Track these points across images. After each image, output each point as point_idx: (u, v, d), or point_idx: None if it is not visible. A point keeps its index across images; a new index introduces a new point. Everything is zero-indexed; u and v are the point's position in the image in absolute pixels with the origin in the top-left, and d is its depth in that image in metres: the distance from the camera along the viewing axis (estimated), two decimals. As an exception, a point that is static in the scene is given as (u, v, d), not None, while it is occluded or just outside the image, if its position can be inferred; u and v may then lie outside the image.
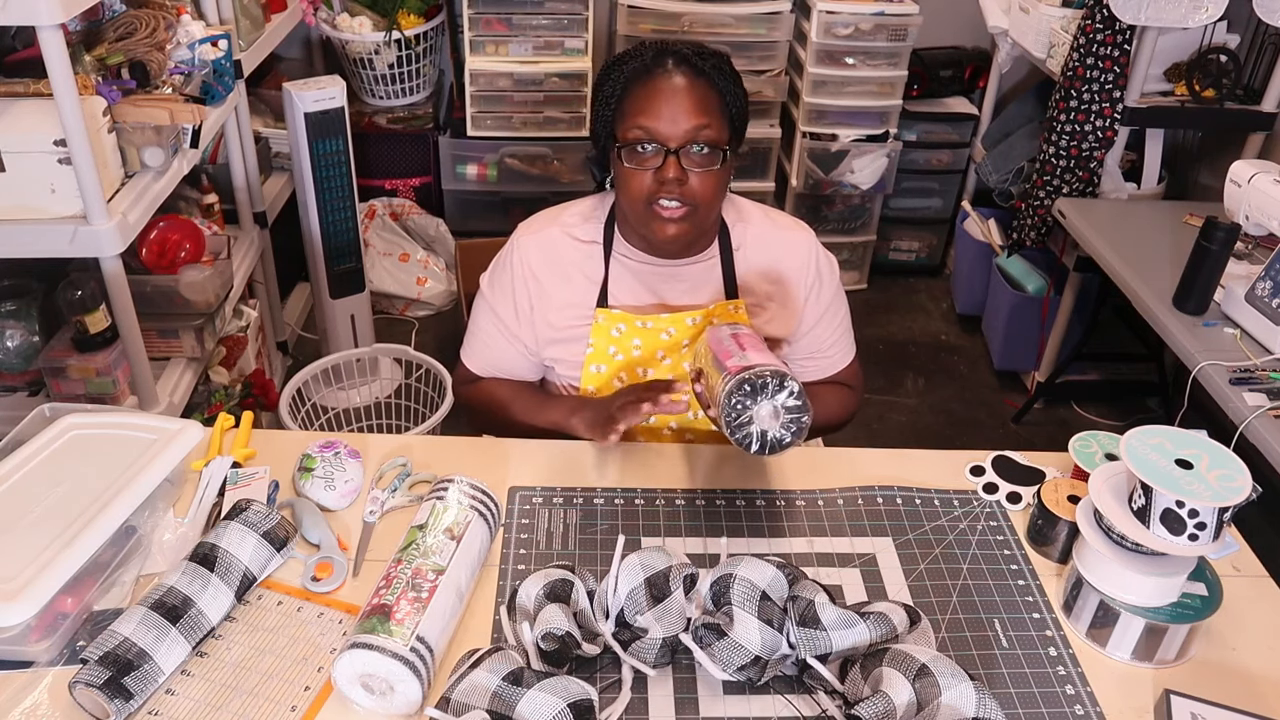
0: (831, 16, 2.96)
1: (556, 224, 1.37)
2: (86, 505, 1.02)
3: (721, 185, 1.26)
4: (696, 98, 1.21)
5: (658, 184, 1.22)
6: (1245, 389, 1.71)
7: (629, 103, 1.23)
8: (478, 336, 1.42)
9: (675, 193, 1.22)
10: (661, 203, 1.23)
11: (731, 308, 1.35)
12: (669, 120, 1.20)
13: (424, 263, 3.20)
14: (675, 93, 1.21)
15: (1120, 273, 2.14)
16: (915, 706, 0.89)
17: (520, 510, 1.19)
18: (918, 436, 2.79)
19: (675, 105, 1.20)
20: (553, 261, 1.35)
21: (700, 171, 1.22)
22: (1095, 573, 1.03)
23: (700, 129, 1.20)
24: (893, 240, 3.49)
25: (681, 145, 1.21)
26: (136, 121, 1.72)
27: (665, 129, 1.20)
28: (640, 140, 1.21)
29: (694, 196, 1.22)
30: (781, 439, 1.05)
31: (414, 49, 3.03)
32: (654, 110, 1.21)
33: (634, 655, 0.96)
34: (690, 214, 1.24)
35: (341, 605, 1.04)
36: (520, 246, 1.36)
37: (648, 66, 1.23)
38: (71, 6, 1.45)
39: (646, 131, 1.21)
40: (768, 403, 1.04)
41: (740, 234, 1.37)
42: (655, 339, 1.34)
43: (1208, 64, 2.48)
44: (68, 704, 0.92)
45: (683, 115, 1.20)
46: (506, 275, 1.37)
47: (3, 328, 1.78)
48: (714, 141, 1.22)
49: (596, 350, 1.34)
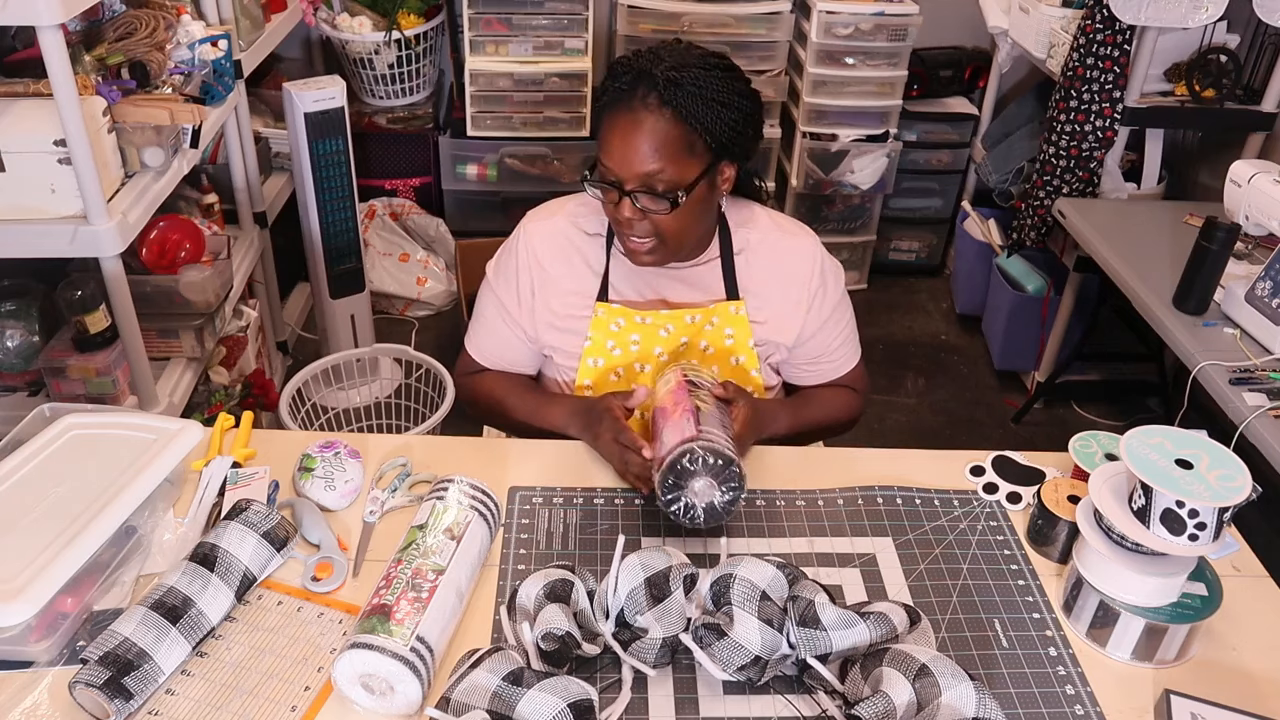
0: (831, 16, 2.96)
1: (563, 213, 1.38)
2: (86, 505, 1.02)
3: (689, 219, 1.24)
4: (656, 138, 1.17)
5: (617, 219, 1.24)
6: (1245, 389, 1.71)
7: (601, 130, 1.23)
8: (481, 323, 1.43)
9: (634, 230, 1.23)
10: (626, 234, 1.25)
11: (733, 309, 1.35)
12: (621, 161, 1.19)
13: (424, 263, 3.20)
14: (633, 132, 1.18)
15: (1120, 273, 2.14)
16: (915, 706, 0.89)
17: (520, 510, 1.19)
18: (918, 436, 2.79)
19: (630, 146, 1.18)
20: (558, 249, 1.36)
21: (655, 214, 1.22)
22: (1095, 573, 1.03)
23: (654, 174, 1.18)
24: (893, 240, 3.48)
25: (635, 189, 1.20)
26: (136, 121, 1.72)
27: (618, 169, 1.20)
28: (602, 175, 1.22)
29: (657, 230, 1.23)
30: (725, 503, 1.09)
31: (414, 49, 3.03)
32: (611, 149, 1.20)
33: (634, 655, 0.96)
34: (657, 246, 1.25)
35: (341, 605, 1.04)
36: (527, 233, 1.37)
37: (620, 95, 1.20)
38: (71, 6, 1.45)
39: (606, 169, 1.22)
40: (700, 480, 1.08)
41: (743, 237, 1.37)
42: (654, 335, 1.34)
43: (1208, 64, 2.48)
44: (68, 704, 0.91)
45: (636, 159, 1.18)
46: (512, 261, 1.38)
47: (3, 328, 1.78)
48: (671, 184, 1.19)
49: (594, 344, 1.35)
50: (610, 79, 1.23)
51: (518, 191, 3.20)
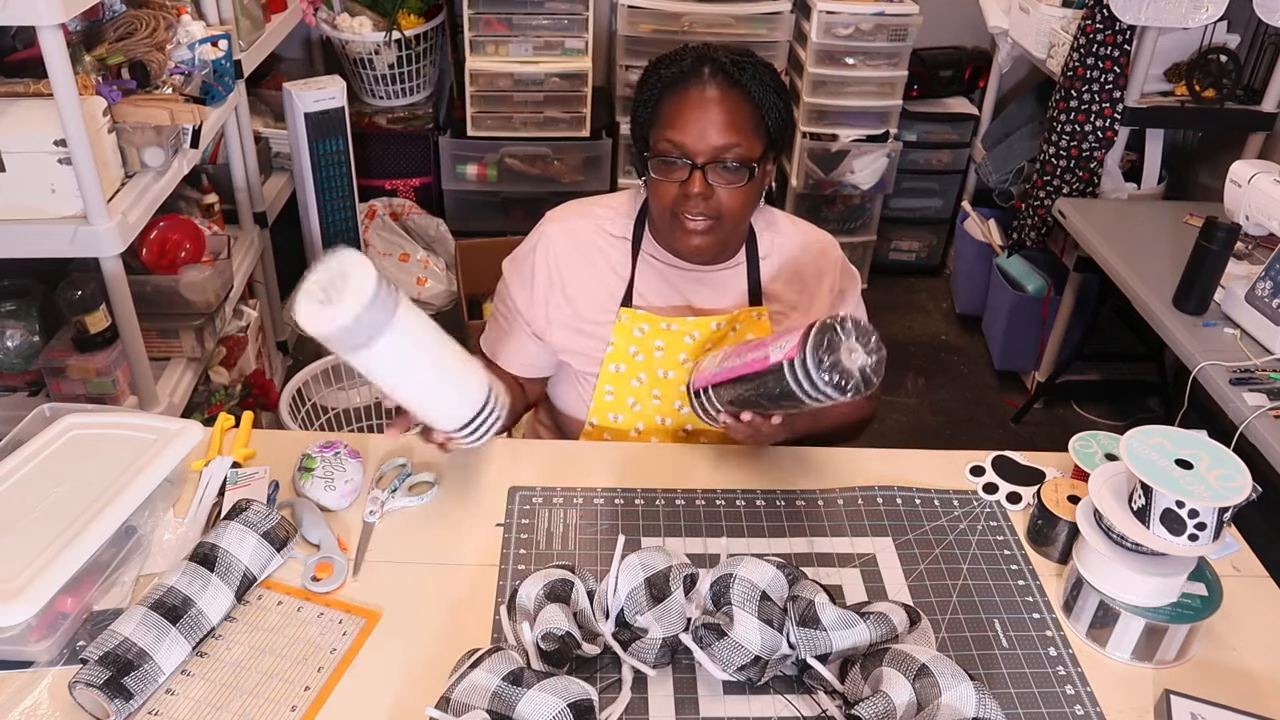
0: (831, 16, 2.96)
1: (587, 216, 1.37)
2: (86, 505, 1.02)
3: (750, 199, 1.26)
4: (728, 113, 1.20)
5: (684, 196, 1.22)
6: (1245, 389, 1.71)
7: (663, 111, 1.23)
8: (494, 320, 1.43)
9: (700, 207, 1.22)
10: (687, 214, 1.23)
11: (755, 314, 1.35)
12: (697, 135, 1.20)
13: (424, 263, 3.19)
14: (706, 107, 1.20)
15: (1120, 273, 2.14)
16: (915, 706, 0.89)
17: (520, 510, 1.19)
18: (918, 436, 2.79)
19: (705, 120, 1.20)
20: (580, 251, 1.35)
21: (727, 187, 1.22)
22: (1095, 573, 1.03)
23: (729, 147, 1.20)
24: (893, 240, 3.49)
25: (708, 161, 1.20)
26: (136, 121, 1.72)
27: (693, 144, 1.20)
28: (668, 153, 1.22)
29: (720, 210, 1.23)
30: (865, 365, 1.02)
31: (414, 49, 3.03)
32: (683, 124, 1.20)
33: (634, 655, 0.96)
34: (715, 226, 1.24)
35: (341, 605, 1.04)
36: (547, 235, 1.36)
37: (684, 74, 1.22)
38: (71, 6, 1.45)
39: (675, 145, 1.21)
40: (844, 345, 1.02)
41: (768, 242, 1.37)
42: (679, 341, 1.34)
43: (1208, 64, 2.48)
44: (68, 704, 0.92)
45: (712, 131, 1.19)
46: (528, 261, 1.37)
47: (3, 328, 1.78)
48: (743, 158, 1.21)
49: (617, 349, 1.34)
50: (667, 63, 1.24)
51: (518, 191, 3.20)
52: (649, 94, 1.25)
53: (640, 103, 1.27)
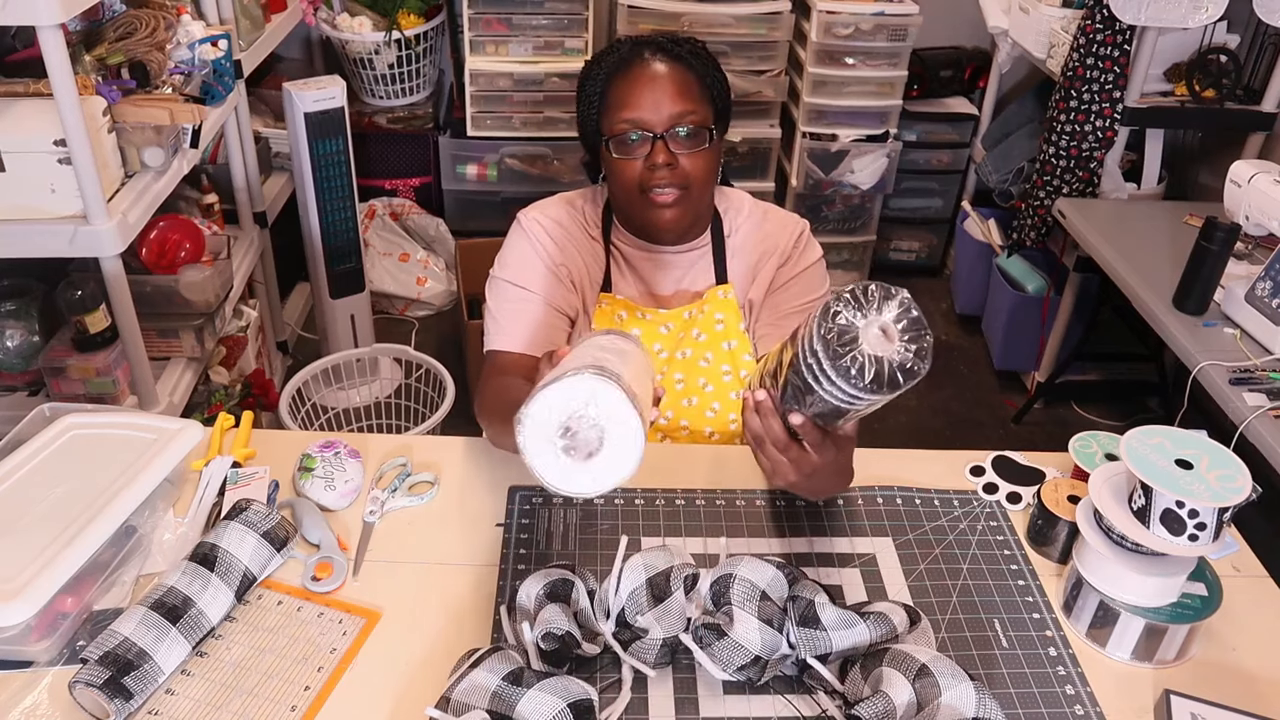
0: (831, 16, 2.96)
1: (560, 207, 1.38)
2: (86, 505, 1.02)
3: (712, 164, 1.28)
4: (676, 83, 1.23)
5: (649, 170, 1.24)
6: (1245, 389, 1.71)
7: (612, 96, 1.25)
8: (502, 315, 1.33)
9: (666, 178, 1.24)
10: (654, 189, 1.25)
11: (721, 293, 1.36)
12: (651, 107, 1.23)
13: (424, 263, 3.20)
14: (655, 80, 1.23)
15: (1120, 273, 2.14)
16: (915, 706, 0.89)
17: (520, 510, 1.19)
18: (918, 437, 2.79)
19: (657, 92, 1.23)
20: (563, 237, 1.36)
21: (689, 153, 1.24)
22: (1095, 573, 1.03)
23: (684, 114, 1.23)
24: (893, 240, 3.49)
25: (667, 129, 1.23)
26: (136, 121, 1.72)
27: (649, 116, 1.23)
28: (626, 131, 1.24)
29: (685, 178, 1.25)
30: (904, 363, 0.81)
31: (414, 49, 3.03)
32: (636, 100, 1.23)
33: (634, 655, 0.96)
34: (683, 197, 1.26)
35: (341, 605, 1.04)
36: (530, 219, 1.36)
37: (625, 59, 1.26)
38: (71, 6, 1.45)
39: (631, 122, 1.23)
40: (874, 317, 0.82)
41: (732, 221, 1.39)
42: (654, 331, 1.35)
43: (1208, 64, 2.48)
44: (68, 704, 0.91)
45: (665, 101, 1.22)
46: (521, 246, 1.35)
47: (3, 328, 1.78)
48: (698, 123, 1.24)
49: None
50: (606, 54, 1.29)
51: (518, 191, 3.20)
52: (595, 86, 1.28)
53: (586, 98, 1.29)
